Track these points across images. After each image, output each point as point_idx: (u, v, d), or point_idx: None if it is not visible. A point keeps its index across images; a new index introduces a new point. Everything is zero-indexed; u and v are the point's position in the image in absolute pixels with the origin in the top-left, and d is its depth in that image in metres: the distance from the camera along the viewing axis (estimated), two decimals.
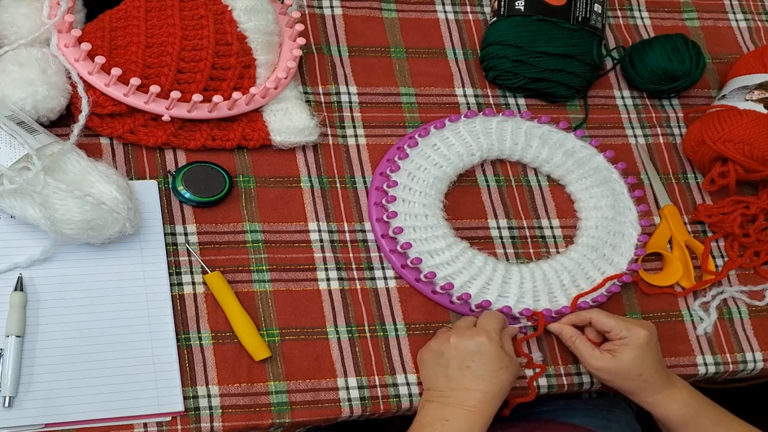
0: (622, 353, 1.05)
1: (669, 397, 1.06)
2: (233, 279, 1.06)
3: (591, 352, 1.07)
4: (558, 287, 1.12)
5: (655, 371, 1.05)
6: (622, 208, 1.19)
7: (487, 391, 1.00)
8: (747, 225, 1.25)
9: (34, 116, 1.03)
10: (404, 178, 1.13)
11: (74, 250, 1.02)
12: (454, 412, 0.99)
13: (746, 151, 1.20)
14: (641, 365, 1.05)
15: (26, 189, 0.96)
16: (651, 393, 1.06)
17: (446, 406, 1.00)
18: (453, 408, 0.99)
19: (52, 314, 0.98)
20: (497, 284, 1.10)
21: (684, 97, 1.34)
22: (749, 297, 1.22)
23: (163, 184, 1.09)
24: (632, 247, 1.16)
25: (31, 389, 0.95)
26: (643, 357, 1.05)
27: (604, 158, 1.21)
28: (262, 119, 1.13)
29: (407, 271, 1.11)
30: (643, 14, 1.39)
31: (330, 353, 1.05)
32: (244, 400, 1.00)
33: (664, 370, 1.07)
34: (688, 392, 1.07)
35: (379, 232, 1.12)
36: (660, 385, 1.06)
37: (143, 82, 1.06)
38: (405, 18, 1.29)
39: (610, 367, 1.05)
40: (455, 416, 0.99)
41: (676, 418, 1.06)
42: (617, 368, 1.05)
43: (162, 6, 1.10)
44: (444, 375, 1.02)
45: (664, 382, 1.06)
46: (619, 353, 1.05)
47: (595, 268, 1.14)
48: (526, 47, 1.23)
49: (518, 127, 1.20)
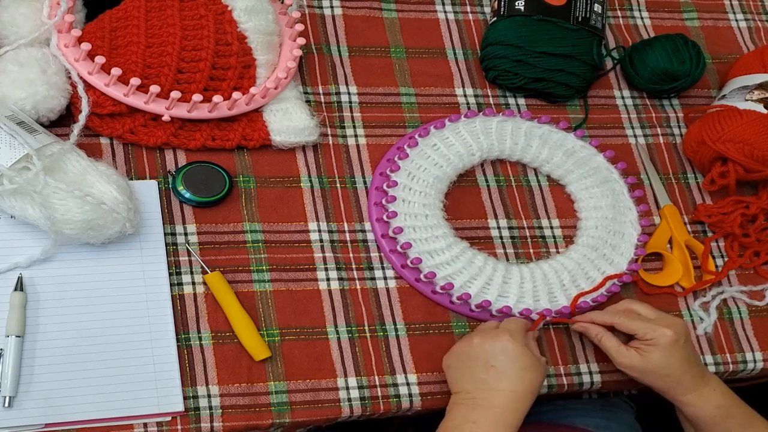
0: (649, 353, 1.03)
1: (700, 397, 1.05)
2: (233, 279, 1.06)
3: (618, 349, 1.05)
4: (558, 287, 1.12)
5: (684, 371, 1.04)
6: (622, 208, 1.19)
7: (513, 390, 0.99)
8: (747, 225, 1.25)
9: (34, 116, 1.03)
10: (404, 178, 1.13)
11: (74, 250, 1.01)
12: (482, 414, 0.98)
13: (746, 151, 1.20)
14: (668, 366, 1.04)
15: (26, 189, 0.96)
16: (681, 392, 1.05)
17: (474, 408, 0.99)
18: (481, 410, 0.98)
19: (52, 314, 0.98)
20: (497, 284, 1.10)
21: (684, 97, 1.34)
22: (749, 297, 1.22)
23: (163, 184, 1.09)
24: (632, 247, 1.16)
25: (31, 389, 0.95)
26: (670, 358, 1.03)
27: (604, 158, 1.21)
28: (262, 119, 1.13)
29: (407, 271, 1.11)
30: (643, 14, 1.39)
31: (330, 353, 1.05)
32: (244, 400, 1.00)
33: (696, 369, 1.06)
34: (721, 392, 1.06)
35: (379, 232, 1.12)
36: (691, 385, 1.05)
37: (143, 82, 1.06)
38: (405, 18, 1.29)
39: (638, 365, 1.04)
40: (483, 418, 0.98)
41: (706, 419, 1.05)
42: (645, 367, 1.04)
43: (162, 6, 1.10)
44: (470, 376, 1.01)
45: (695, 381, 1.05)
46: (645, 352, 1.04)
47: (595, 268, 1.14)
48: (526, 47, 1.23)
49: (518, 127, 1.20)
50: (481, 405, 0.99)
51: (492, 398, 0.99)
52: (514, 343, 1.00)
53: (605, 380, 1.12)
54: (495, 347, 1.00)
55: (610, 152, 1.21)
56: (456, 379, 1.03)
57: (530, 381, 1.00)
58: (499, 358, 1.00)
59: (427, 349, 1.08)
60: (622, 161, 1.23)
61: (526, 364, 1.00)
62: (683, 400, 1.05)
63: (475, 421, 0.98)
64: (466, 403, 1.00)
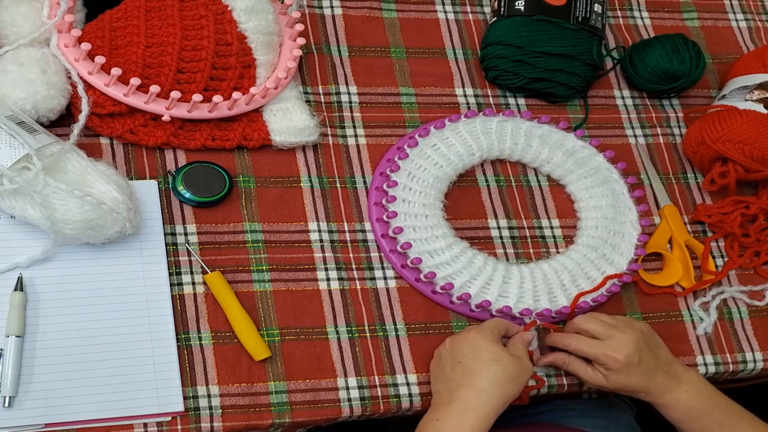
0: (609, 375, 1.04)
1: (671, 400, 1.05)
2: (233, 279, 1.06)
3: (585, 372, 1.06)
4: (558, 287, 1.12)
5: (649, 382, 1.04)
6: (622, 208, 1.19)
7: (477, 385, 0.98)
8: (747, 225, 1.25)
9: (34, 116, 1.03)
10: (404, 178, 1.13)
11: (74, 250, 1.01)
12: (445, 411, 0.98)
13: (746, 151, 1.20)
14: (630, 384, 1.04)
15: (26, 189, 0.96)
16: (658, 396, 1.05)
17: (439, 407, 1.00)
18: (445, 407, 0.99)
19: (52, 314, 0.98)
20: (497, 284, 1.10)
21: (684, 97, 1.34)
22: (749, 297, 1.22)
23: (163, 184, 1.09)
24: (632, 247, 1.16)
25: (31, 389, 0.95)
26: (629, 377, 1.04)
27: (604, 158, 1.21)
28: (262, 119, 1.13)
29: (407, 271, 1.11)
30: (643, 14, 1.39)
31: (330, 353, 1.05)
32: (244, 400, 1.00)
33: (662, 375, 1.05)
34: (695, 393, 1.05)
35: (379, 232, 1.12)
36: (660, 391, 1.05)
37: (143, 82, 1.06)
38: (405, 18, 1.29)
39: (604, 385, 1.05)
40: (446, 415, 0.98)
41: (679, 420, 1.05)
42: (611, 387, 1.05)
43: (162, 6, 1.10)
44: (442, 377, 1.02)
45: (666, 385, 1.05)
46: (606, 375, 1.05)
47: (595, 268, 1.14)
48: (526, 47, 1.23)
49: (518, 127, 1.20)
50: (445, 402, 0.99)
51: (457, 395, 0.99)
52: (481, 338, 1.01)
53: None
54: (462, 344, 1.02)
55: (610, 152, 1.21)
56: (432, 380, 1.04)
57: (496, 376, 0.98)
58: (464, 353, 1.01)
59: (427, 349, 1.08)
60: (622, 161, 1.23)
61: (490, 358, 0.99)
62: (658, 403, 1.06)
63: (439, 419, 0.98)
64: (434, 402, 1.01)
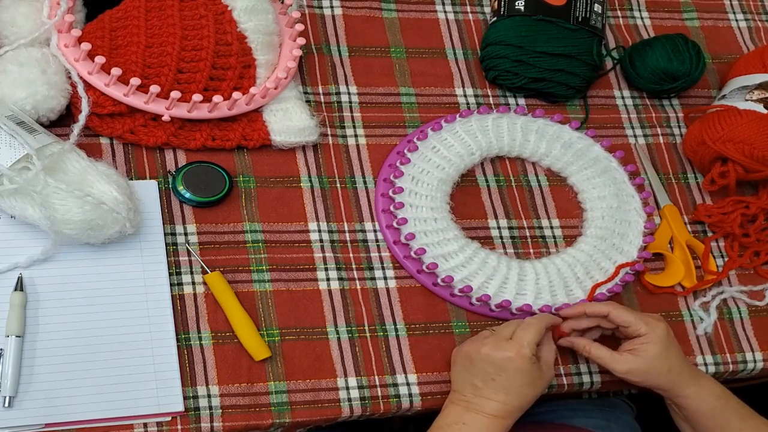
0: (646, 350, 1.03)
1: (701, 388, 1.04)
2: (233, 279, 1.06)
3: (612, 357, 1.04)
4: (573, 280, 1.12)
5: (683, 363, 1.04)
6: (625, 196, 1.19)
7: (508, 403, 1.00)
8: (747, 225, 1.25)
9: (34, 116, 1.03)
10: (409, 183, 1.13)
11: (74, 250, 1.01)
12: (473, 418, 0.99)
13: (746, 151, 1.20)
14: (668, 359, 1.03)
15: (26, 189, 0.96)
16: (683, 386, 1.04)
17: (467, 412, 1.00)
18: (473, 414, 1.00)
19: (52, 314, 0.98)
20: (513, 282, 1.10)
21: (684, 97, 1.34)
22: (749, 297, 1.22)
23: (163, 184, 1.09)
24: (640, 235, 1.17)
25: (31, 389, 0.95)
26: (668, 350, 1.03)
27: (602, 148, 1.21)
28: (262, 119, 1.13)
29: (424, 276, 1.10)
30: (643, 14, 1.39)
31: (330, 353, 1.05)
32: (244, 400, 1.00)
33: (688, 362, 1.06)
34: (716, 383, 1.06)
35: (391, 239, 1.12)
36: (691, 377, 1.04)
37: (143, 82, 1.06)
38: (405, 18, 1.29)
39: (638, 367, 1.03)
40: (473, 422, 0.99)
41: (707, 410, 1.04)
42: (646, 366, 1.03)
43: (162, 6, 1.10)
44: (470, 383, 1.02)
45: (692, 373, 1.05)
46: (642, 351, 1.03)
47: (607, 258, 1.15)
48: (526, 47, 1.23)
49: (514, 122, 1.20)
50: (474, 410, 1.00)
51: (486, 406, 1.00)
52: (520, 360, 0.99)
53: (605, 380, 1.12)
54: (501, 362, 1.00)
55: (607, 141, 1.21)
56: (458, 379, 1.04)
57: (528, 396, 1.01)
58: (501, 373, 1.00)
59: (427, 349, 1.08)
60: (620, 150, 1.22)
61: (527, 382, 1.00)
62: (686, 394, 1.04)
63: (466, 423, 0.99)
64: (462, 405, 1.01)
